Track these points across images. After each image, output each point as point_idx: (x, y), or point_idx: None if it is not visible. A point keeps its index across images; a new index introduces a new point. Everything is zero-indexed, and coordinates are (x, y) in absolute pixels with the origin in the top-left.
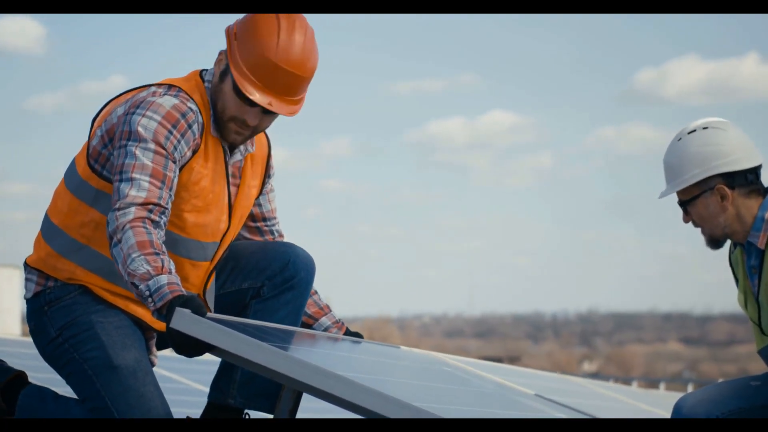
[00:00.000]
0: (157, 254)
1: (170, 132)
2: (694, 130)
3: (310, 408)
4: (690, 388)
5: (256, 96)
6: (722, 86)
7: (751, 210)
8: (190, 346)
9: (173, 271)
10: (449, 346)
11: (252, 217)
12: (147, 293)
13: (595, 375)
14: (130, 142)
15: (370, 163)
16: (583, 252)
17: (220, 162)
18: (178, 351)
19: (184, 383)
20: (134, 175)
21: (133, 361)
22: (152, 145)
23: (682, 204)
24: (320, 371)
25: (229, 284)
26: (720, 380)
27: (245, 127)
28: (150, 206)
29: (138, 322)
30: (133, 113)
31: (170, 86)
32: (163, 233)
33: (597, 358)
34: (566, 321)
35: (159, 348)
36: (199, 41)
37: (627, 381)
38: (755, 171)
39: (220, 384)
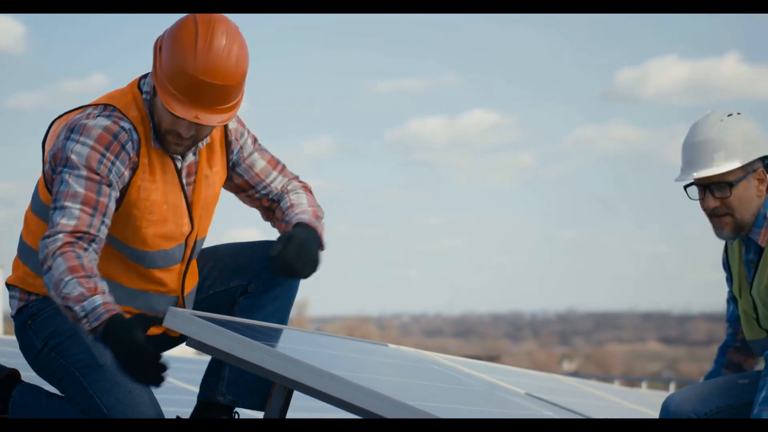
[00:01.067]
0: (90, 277)
1: (103, 155)
2: (732, 114)
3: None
4: (672, 387)
5: (180, 111)
6: (702, 86)
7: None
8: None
9: (107, 291)
10: (429, 346)
11: (240, 187)
12: (82, 314)
13: (574, 374)
14: (64, 169)
15: (350, 162)
16: (563, 251)
17: (170, 171)
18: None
19: (172, 383)
20: (66, 203)
21: None
22: (84, 172)
23: (724, 185)
24: (311, 369)
25: (218, 284)
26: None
27: (182, 139)
28: (79, 234)
29: None
30: (68, 138)
31: (105, 106)
32: (95, 257)
33: (576, 358)
34: (545, 320)
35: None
36: None
37: (608, 380)
38: None
39: (209, 382)
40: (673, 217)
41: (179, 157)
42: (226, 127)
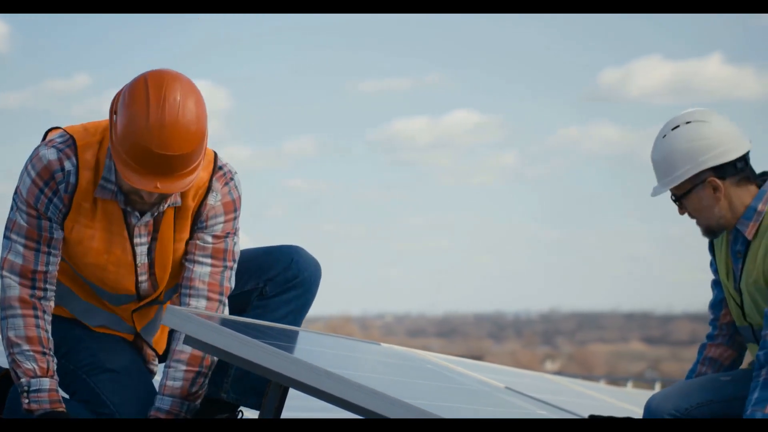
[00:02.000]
0: (44, 354)
1: (41, 191)
2: (678, 126)
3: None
4: (657, 387)
5: (138, 183)
6: (685, 86)
7: (742, 199)
8: None
9: (56, 375)
10: (412, 346)
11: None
12: (26, 388)
13: (558, 374)
14: (15, 196)
15: (334, 162)
16: (546, 251)
17: (118, 223)
18: None
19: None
20: (12, 236)
21: (128, 362)
22: (24, 206)
23: (677, 198)
24: (308, 367)
25: (235, 288)
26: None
27: (146, 201)
28: (30, 276)
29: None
30: (25, 165)
31: (67, 138)
32: (50, 307)
33: (559, 358)
34: (528, 320)
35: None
36: (164, 40)
37: (594, 380)
38: (744, 158)
39: (214, 379)
40: (656, 217)
41: (137, 214)
42: (204, 199)
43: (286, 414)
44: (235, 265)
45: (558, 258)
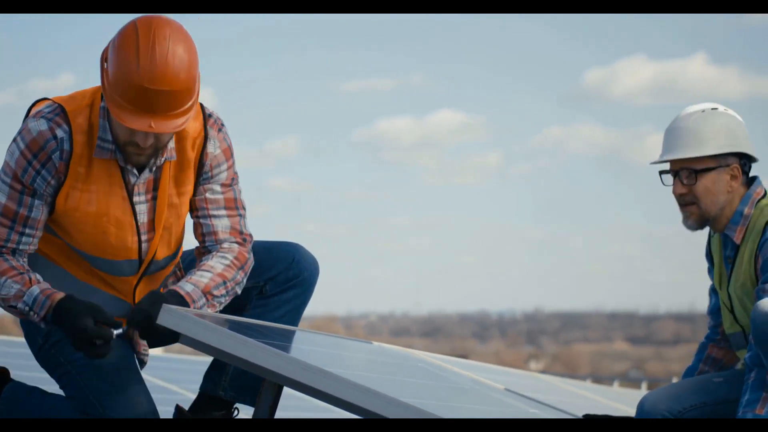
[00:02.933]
0: (21, 273)
1: (29, 163)
2: (717, 108)
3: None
4: (644, 386)
5: (132, 122)
6: (669, 86)
7: (739, 199)
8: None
9: (41, 279)
10: (397, 345)
11: (189, 207)
12: (27, 308)
13: (543, 374)
14: (0, 171)
15: (318, 162)
16: (530, 251)
17: (117, 184)
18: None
19: (153, 381)
20: None
21: (117, 359)
22: (9, 179)
23: (692, 172)
24: (303, 365)
25: None
26: (674, 379)
27: (142, 149)
28: None
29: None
30: (13, 138)
31: (55, 107)
32: (21, 260)
33: (543, 357)
34: (513, 320)
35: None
36: None
37: (581, 380)
38: (752, 164)
39: (212, 376)
40: (640, 217)
41: (135, 172)
42: (204, 149)
43: (280, 413)
44: (246, 213)
45: (542, 258)
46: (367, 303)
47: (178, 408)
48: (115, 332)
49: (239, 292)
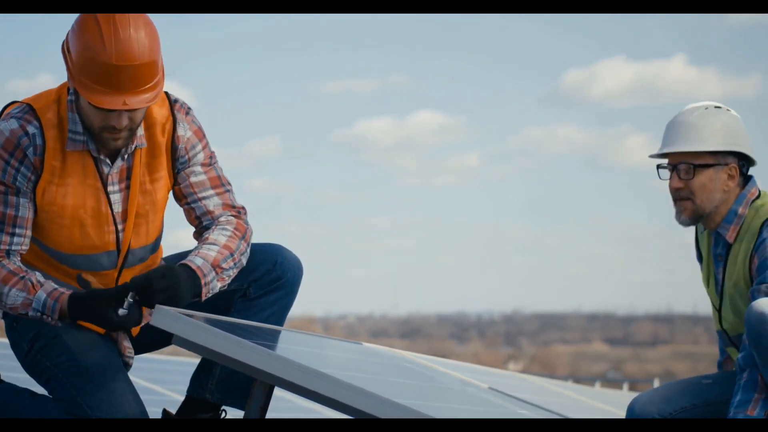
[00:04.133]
0: (22, 278)
1: (7, 162)
2: (720, 107)
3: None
4: (625, 387)
5: (106, 101)
6: (649, 88)
7: (734, 199)
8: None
9: (42, 279)
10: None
11: (176, 195)
12: (38, 314)
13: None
14: None
15: (297, 162)
16: (509, 252)
17: (92, 175)
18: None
19: (139, 383)
20: None
21: (102, 360)
22: None
23: (689, 167)
24: (298, 366)
25: None
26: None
27: (118, 131)
28: None
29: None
30: None
31: (23, 106)
32: (15, 259)
33: (522, 359)
34: (491, 321)
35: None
36: None
37: (563, 380)
38: (750, 166)
39: (200, 378)
40: (619, 218)
41: (108, 162)
42: (174, 133)
43: (270, 414)
44: (232, 187)
45: (521, 259)
46: (345, 304)
47: (165, 412)
48: (127, 301)
49: (245, 262)
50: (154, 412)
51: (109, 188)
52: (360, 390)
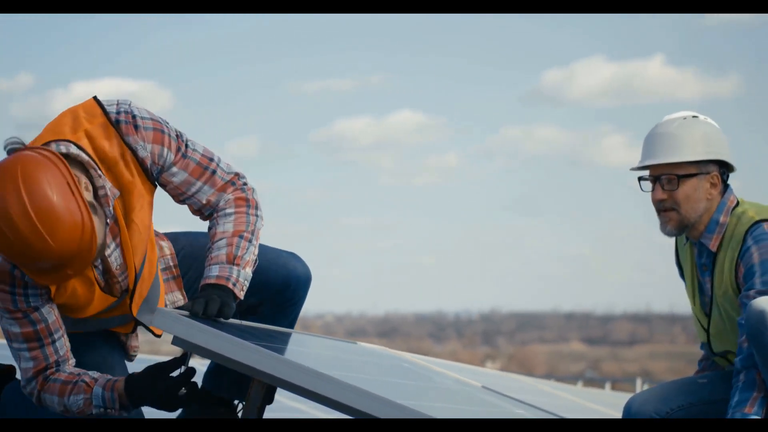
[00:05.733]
0: (75, 383)
1: (12, 294)
2: (697, 117)
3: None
4: (607, 387)
5: (50, 280)
6: (627, 87)
7: (716, 207)
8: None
9: (93, 375)
10: None
11: (167, 193)
12: (101, 410)
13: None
14: None
15: (276, 162)
16: (487, 251)
17: None
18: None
19: None
20: (14, 345)
21: (100, 358)
22: (7, 314)
23: (672, 178)
24: (299, 368)
25: None
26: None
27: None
28: (44, 371)
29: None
30: None
31: None
32: (65, 367)
33: (500, 358)
34: (469, 320)
35: None
36: (109, 42)
37: (545, 379)
38: (729, 173)
39: (214, 374)
40: (597, 218)
41: None
42: (138, 159)
43: (269, 414)
44: (216, 158)
45: (499, 258)
46: (323, 303)
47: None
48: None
49: (261, 226)
50: (149, 412)
51: (107, 252)
52: (364, 392)
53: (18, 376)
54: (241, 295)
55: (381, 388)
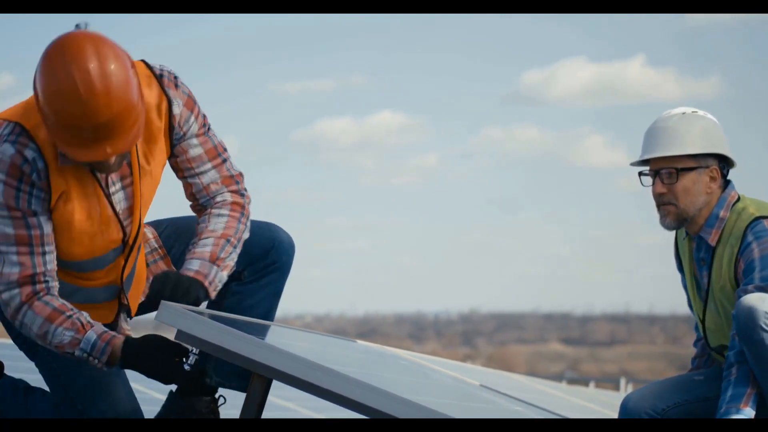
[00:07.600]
0: (69, 316)
1: (18, 189)
2: (697, 111)
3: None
4: (591, 385)
5: (88, 155)
6: (608, 88)
7: (716, 201)
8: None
9: (91, 320)
10: None
11: (173, 167)
12: (85, 354)
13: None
14: None
15: (256, 162)
16: (466, 252)
17: (91, 184)
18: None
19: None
20: (1, 249)
21: None
22: (6, 212)
23: (671, 171)
24: (292, 357)
25: None
26: (622, 380)
27: (110, 166)
28: (29, 281)
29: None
30: None
31: (12, 126)
32: (56, 293)
33: (479, 358)
34: (448, 321)
35: None
36: None
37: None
38: (729, 168)
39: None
40: (577, 219)
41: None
42: (171, 113)
43: (268, 412)
44: (229, 153)
45: (478, 259)
46: (302, 304)
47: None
48: (192, 355)
49: (246, 236)
50: (149, 412)
51: (111, 189)
52: (369, 386)
53: (7, 372)
54: (213, 295)
55: (389, 386)
